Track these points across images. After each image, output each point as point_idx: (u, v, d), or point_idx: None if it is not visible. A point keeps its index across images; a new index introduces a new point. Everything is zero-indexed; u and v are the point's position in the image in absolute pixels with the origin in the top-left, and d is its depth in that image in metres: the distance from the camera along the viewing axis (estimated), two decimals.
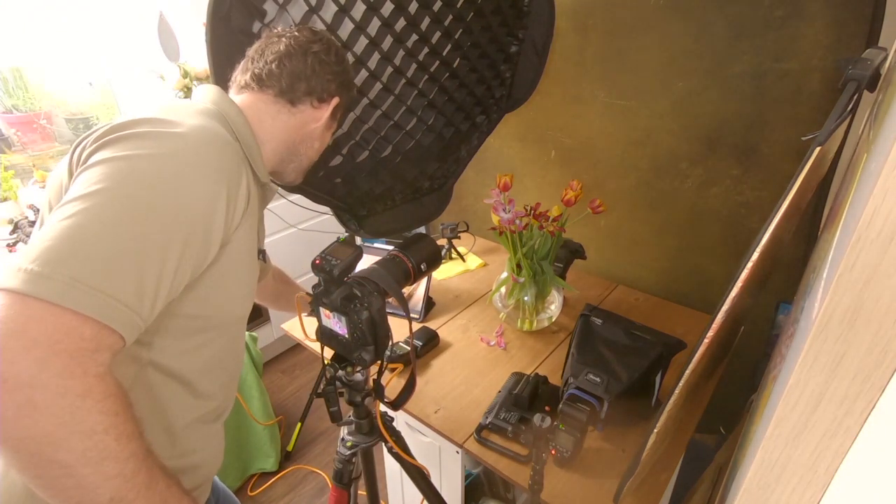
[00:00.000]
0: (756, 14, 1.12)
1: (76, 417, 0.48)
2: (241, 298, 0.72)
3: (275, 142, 0.79)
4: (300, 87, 0.79)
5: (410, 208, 1.45)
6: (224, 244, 0.63)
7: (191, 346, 0.67)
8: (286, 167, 0.85)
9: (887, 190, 0.30)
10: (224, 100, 0.73)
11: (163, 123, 0.59)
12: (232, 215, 0.63)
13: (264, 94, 0.78)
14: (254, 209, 0.69)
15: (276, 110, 0.78)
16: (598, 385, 0.95)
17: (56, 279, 0.48)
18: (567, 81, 1.48)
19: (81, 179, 0.54)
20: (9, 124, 1.95)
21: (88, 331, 0.49)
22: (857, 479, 0.37)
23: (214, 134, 0.63)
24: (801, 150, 1.17)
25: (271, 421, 1.79)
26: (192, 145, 0.59)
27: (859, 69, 0.66)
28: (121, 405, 0.52)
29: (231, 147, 0.64)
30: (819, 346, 0.36)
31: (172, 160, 0.57)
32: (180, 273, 0.57)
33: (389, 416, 1.02)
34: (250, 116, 0.75)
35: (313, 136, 0.84)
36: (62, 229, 0.50)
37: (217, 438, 0.78)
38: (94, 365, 0.50)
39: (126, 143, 0.56)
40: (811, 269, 0.73)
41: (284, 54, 0.78)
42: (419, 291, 1.41)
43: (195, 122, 0.62)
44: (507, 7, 1.27)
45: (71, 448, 0.48)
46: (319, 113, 0.82)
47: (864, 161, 0.55)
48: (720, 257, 1.39)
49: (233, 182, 0.62)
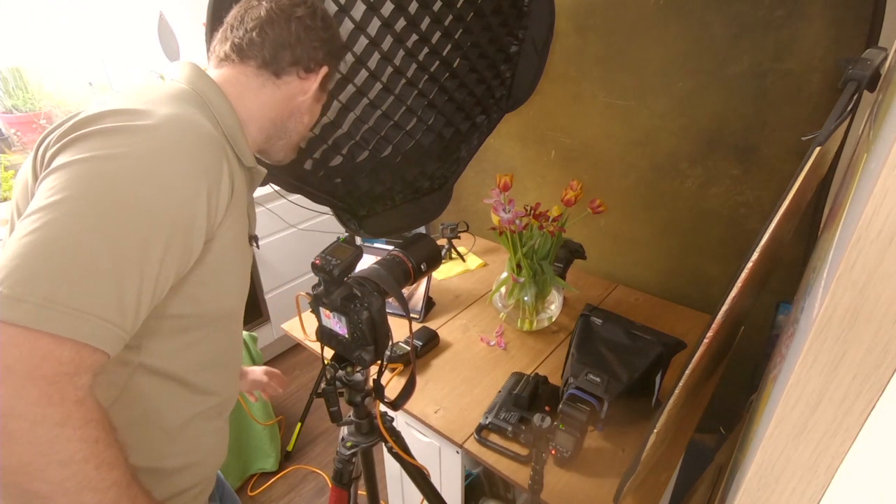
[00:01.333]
0: (756, 14, 1.12)
1: (54, 447, 0.46)
2: (233, 292, 0.69)
3: (260, 120, 0.73)
4: (284, 56, 0.72)
5: (410, 208, 1.45)
6: (209, 240, 0.60)
7: (182, 344, 0.64)
8: (274, 145, 0.79)
9: (887, 190, 0.30)
10: (201, 79, 0.67)
11: (131, 115, 0.54)
12: (215, 210, 0.59)
13: (246, 66, 0.71)
14: (239, 198, 0.65)
15: (259, 84, 0.72)
16: (598, 385, 0.95)
17: (28, 301, 0.45)
18: (567, 81, 1.48)
19: (45, 186, 0.49)
20: (9, 124, 1.95)
21: (67, 353, 0.46)
22: (857, 479, 0.37)
23: (189, 123, 0.57)
24: (801, 150, 1.17)
25: (271, 421, 1.79)
26: (165, 140, 0.54)
27: (859, 69, 0.66)
28: (101, 431, 0.50)
29: (208, 136, 0.59)
30: (819, 346, 0.36)
31: (143, 159, 0.52)
32: (163, 277, 0.54)
33: (389, 416, 1.02)
34: (231, 94, 0.69)
35: (302, 110, 0.78)
36: (29, 245, 0.46)
37: (219, 435, 0.76)
38: (74, 389, 0.47)
39: (91, 141, 0.51)
40: (811, 269, 0.73)
41: (266, 21, 0.71)
42: (419, 291, 1.41)
43: (168, 110, 0.57)
44: (507, 7, 1.27)
45: (48, 478, 0.46)
46: (307, 84, 0.75)
47: (864, 161, 0.55)
48: (720, 257, 1.39)
49: (213, 176, 0.58)
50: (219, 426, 0.75)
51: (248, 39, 0.71)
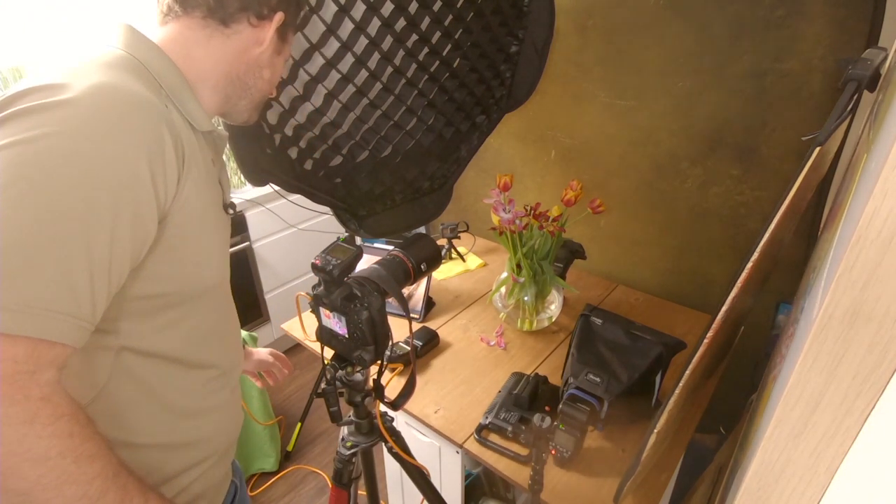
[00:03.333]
0: (756, 14, 1.12)
1: (24, 445, 0.45)
2: (208, 264, 0.65)
3: (213, 77, 0.66)
4: (231, 2, 0.64)
5: (410, 208, 1.45)
6: (164, 217, 0.56)
7: (163, 323, 0.62)
8: (235, 105, 0.72)
9: (887, 190, 0.30)
10: (137, 41, 0.61)
11: (49, 90, 0.49)
12: (163, 185, 0.54)
13: (190, 17, 0.64)
14: (197, 167, 0.60)
15: (205, 36, 0.64)
16: (598, 385, 0.95)
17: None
18: (567, 81, 1.48)
19: None
20: None
21: (21, 351, 0.45)
22: (857, 479, 0.37)
23: (116, 91, 0.52)
24: (801, 150, 1.17)
25: (271, 421, 1.79)
26: (88, 113, 0.50)
27: (859, 69, 0.66)
28: (75, 424, 0.49)
29: (140, 103, 0.53)
30: (819, 346, 0.36)
31: (66, 138, 0.48)
32: (116, 261, 0.51)
33: (389, 416, 1.02)
34: (175, 53, 0.63)
35: (260, 64, 0.70)
36: None
37: (228, 407, 0.74)
38: (37, 387, 0.46)
39: (13, 123, 0.48)
40: (811, 269, 0.73)
41: None
42: (419, 291, 1.41)
43: (93, 79, 0.52)
44: (507, 7, 1.27)
45: (23, 476, 0.46)
46: (261, 33, 0.67)
47: (864, 161, 0.55)
48: (720, 257, 1.39)
49: (153, 147, 0.53)
50: (225, 398, 0.73)
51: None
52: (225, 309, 0.74)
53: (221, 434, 0.74)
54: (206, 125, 0.66)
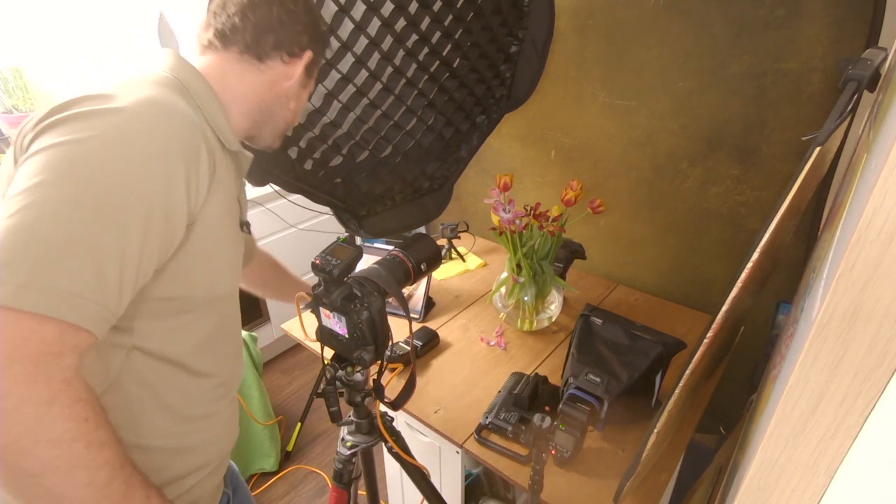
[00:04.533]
0: (756, 14, 1.12)
1: (42, 426, 0.46)
2: (223, 275, 0.69)
3: (244, 104, 0.73)
4: (267, 40, 0.72)
5: (410, 208, 1.45)
6: (191, 223, 0.60)
7: (174, 327, 0.64)
8: (261, 130, 0.80)
9: (887, 190, 0.30)
10: (181, 65, 0.67)
11: (103, 99, 0.55)
12: (195, 190, 0.59)
13: (229, 52, 0.72)
14: (223, 181, 0.65)
15: (241, 69, 0.72)
16: (598, 385, 0.95)
17: (9, 282, 0.45)
18: (567, 81, 1.48)
19: (23, 171, 0.51)
20: (9, 124, 1.95)
21: (50, 333, 0.47)
22: (857, 480, 0.37)
23: (161, 105, 0.57)
24: (801, 150, 1.17)
25: (271, 421, 1.79)
26: (134, 121, 0.55)
27: (859, 69, 0.66)
28: (91, 411, 0.50)
29: (182, 117, 0.59)
30: (819, 346, 0.36)
31: (112, 141, 0.53)
32: (146, 256, 0.54)
33: (389, 416, 1.02)
34: (213, 79, 0.69)
35: (288, 96, 0.78)
36: (8, 228, 0.47)
37: (226, 417, 0.76)
38: (60, 370, 0.48)
39: (64, 127, 0.52)
40: (811, 269, 0.73)
41: (247, 5, 0.71)
42: (419, 291, 1.41)
43: (141, 93, 0.57)
44: (507, 7, 1.27)
45: (37, 457, 0.47)
46: (291, 69, 0.76)
47: (864, 161, 0.55)
48: (720, 257, 1.39)
49: (189, 155, 0.58)
50: (224, 407, 0.75)
51: (231, 25, 0.71)
52: (232, 319, 0.76)
53: (217, 443, 0.75)
54: (234, 145, 0.70)
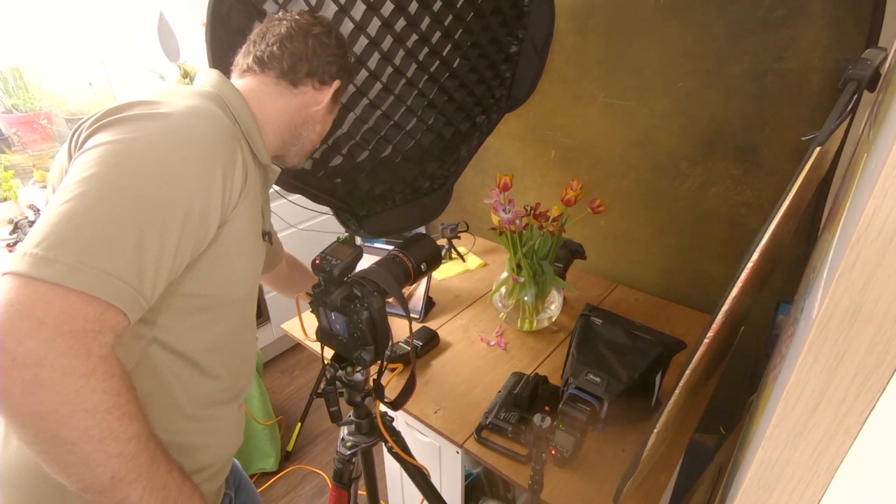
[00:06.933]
0: (756, 14, 1.12)
1: (80, 396, 0.49)
2: (243, 278, 0.73)
3: (276, 124, 0.80)
4: (301, 68, 0.80)
5: (410, 208, 1.45)
6: (223, 223, 0.64)
7: (193, 324, 0.68)
8: (288, 150, 0.86)
9: (887, 190, 0.30)
10: (223, 83, 0.73)
11: (154, 105, 0.60)
12: (230, 193, 0.63)
13: (266, 76, 0.79)
14: (253, 189, 0.70)
15: (277, 92, 0.79)
16: (598, 385, 0.95)
17: (60, 261, 0.49)
18: (567, 81, 1.48)
19: (78, 163, 0.55)
20: (9, 124, 1.95)
21: (93, 311, 0.51)
22: (857, 479, 0.37)
23: (206, 113, 0.63)
24: (801, 150, 1.17)
25: (271, 421, 1.79)
26: (182, 125, 0.60)
27: (859, 69, 0.66)
28: (123, 386, 0.53)
29: (224, 125, 0.64)
30: (819, 346, 0.36)
31: (163, 141, 0.58)
32: (180, 252, 0.58)
33: (389, 416, 1.02)
34: (250, 99, 0.76)
35: (315, 119, 0.85)
36: (63, 213, 0.51)
37: (230, 419, 0.77)
38: (98, 346, 0.51)
39: (119, 126, 0.58)
40: (811, 269, 0.73)
41: (286, 36, 0.79)
42: (419, 291, 1.41)
43: (187, 102, 0.63)
44: (507, 7, 1.27)
45: (74, 425, 0.50)
46: (321, 95, 0.83)
47: (864, 161, 0.55)
48: (720, 257, 1.39)
49: (227, 159, 0.63)
50: (231, 411, 0.77)
51: (269, 52, 0.79)
52: (246, 325, 0.79)
53: (221, 446, 0.76)
54: (265, 158, 0.76)
